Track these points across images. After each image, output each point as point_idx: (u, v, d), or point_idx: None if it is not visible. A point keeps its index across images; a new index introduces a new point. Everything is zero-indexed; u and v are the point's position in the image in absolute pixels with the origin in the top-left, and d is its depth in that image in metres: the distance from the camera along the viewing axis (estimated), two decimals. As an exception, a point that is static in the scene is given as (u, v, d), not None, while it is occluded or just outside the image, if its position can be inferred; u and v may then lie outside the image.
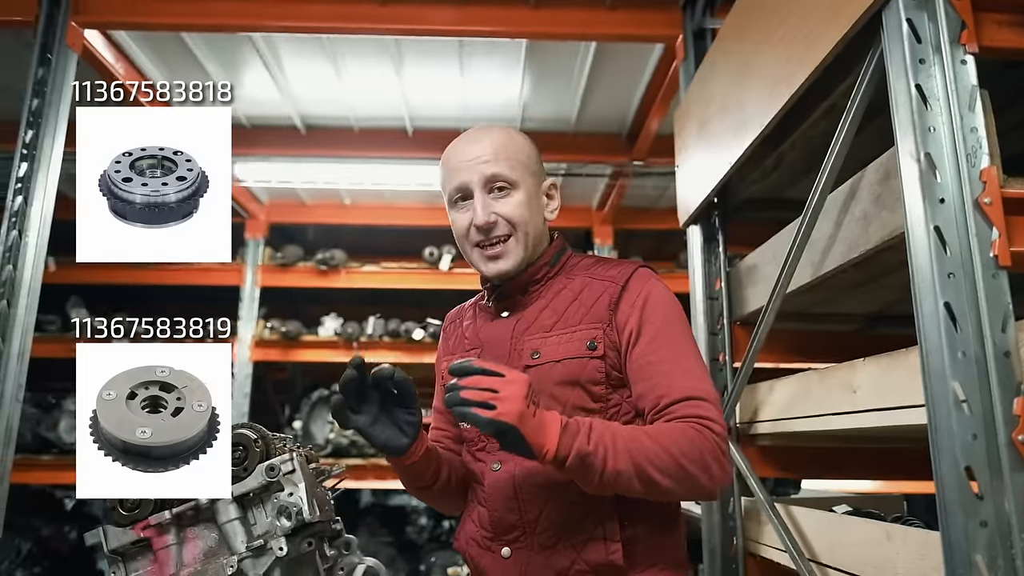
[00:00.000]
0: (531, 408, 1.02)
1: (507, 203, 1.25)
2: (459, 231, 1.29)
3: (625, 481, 1.05)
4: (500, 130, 1.31)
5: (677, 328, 1.22)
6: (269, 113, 4.10)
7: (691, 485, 1.09)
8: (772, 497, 2.02)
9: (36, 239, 2.60)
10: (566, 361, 1.20)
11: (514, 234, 1.25)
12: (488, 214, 1.24)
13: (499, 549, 1.22)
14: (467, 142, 1.29)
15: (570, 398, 1.20)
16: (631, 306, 1.22)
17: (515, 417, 0.99)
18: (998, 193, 1.14)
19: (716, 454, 1.09)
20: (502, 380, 1.01)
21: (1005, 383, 1.07)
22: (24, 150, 2.65)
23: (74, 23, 2.80)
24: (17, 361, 2.46)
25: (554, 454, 1.02)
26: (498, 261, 1.26)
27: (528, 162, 1.29)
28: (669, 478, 1.06)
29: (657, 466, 1.05)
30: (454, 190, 1.28)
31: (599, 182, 4.88)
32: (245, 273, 5.48)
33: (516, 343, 1.26)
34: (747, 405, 2.31)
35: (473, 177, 1.25)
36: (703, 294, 2.53)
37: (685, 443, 1.08)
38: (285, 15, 2.85)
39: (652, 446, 1.06)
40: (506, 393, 1.00)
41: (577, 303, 1.25)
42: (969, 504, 1.04)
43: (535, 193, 1.29)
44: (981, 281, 1.11)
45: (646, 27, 2.84)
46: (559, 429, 1.04)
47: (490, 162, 1.24)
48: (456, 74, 3.60)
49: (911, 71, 1.20)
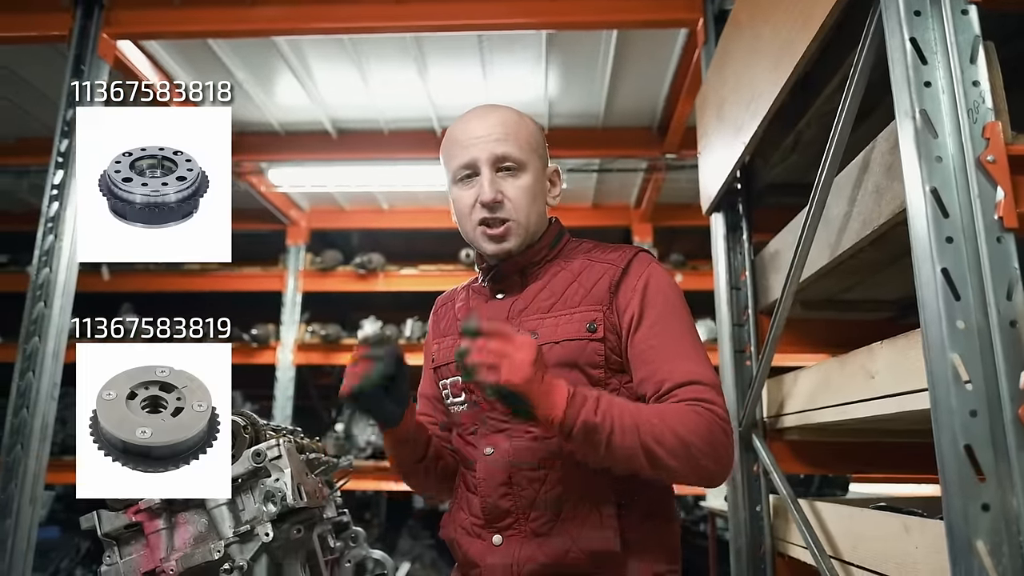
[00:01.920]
0: (539, 374, 1.00)
1: (515, 184, 1.22)
2: (462, 208, 1.25)
3: (630, 457, 1.03)
4: (509, 109, 1.28)
5: (678, 313, 1.19)
6: (301, 119, 4.18)
7: (697, 467, 1.06)
8: (812, 498, 1.92)
9: (70, 243, 2.70)
10: (565, 343, 1.18)
11: (517, 216, 1.22)
12: (495, 192, 1.20)
13: (490, 536, 1.19)
14: (476, 118, 1.25)
15: (568, 380, 1.14)
16: (632, 290, 1.19)
17: (523, 381, 0.97)
18: (1003, 150, 1.05)
19: (722, 439, 1.07)
20: (512, 344, 0.99)
21: (1011, 355, 0.98)
22: (59, 158, 2.76)
23: (106, 35, 2.91)
24: (52, 360, 2.55)
25: (560, 421, 1.00)
26: (501, 241, 1.23)
27: (536, 145, 1.27)
28: (676, 459, 1.03)
29: (664, 445, 1.03)
30: (461, 166, 1.24)
31: (634, 178, 4.80)
32: (287, 278, 5.60)
33: (513, 324, 1.23)
34: (774, 398, 2.21)
35: (482, 154, 1.21)
36: (726, 284, 2.44)
37: (692, 425, 1.05)
38: (304, 17, 2.90)
39: (660, 424, 1.03)
40: (516, 357, 0.98)
41: (576, 284, 1.23)
42: (969, 486, 0.95)
43: (541, 177, 1.27)
44: (984, 245, 1.02)
45: (666, 12, 2.77)
46: (567, 397, 1.01)
47: (500, 140, 1.21)
48: (479, 72, 3.60)
49: (906, 24, 1.12)
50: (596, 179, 4.79)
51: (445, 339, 1.35)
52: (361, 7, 2.87)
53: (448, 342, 1.33)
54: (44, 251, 2.65)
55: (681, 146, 3.99)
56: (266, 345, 5.48)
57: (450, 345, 1.31)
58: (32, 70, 3.53)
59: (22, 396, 2.49)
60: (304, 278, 5.61)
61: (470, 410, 1.26)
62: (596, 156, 4.28)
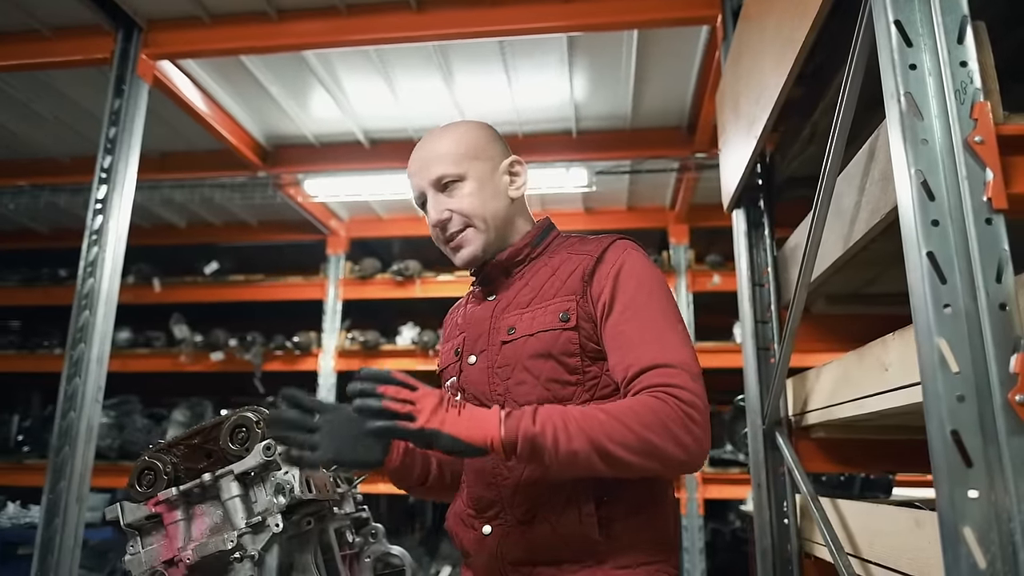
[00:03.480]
0: (452, 410, 1.03)
1: (456, 198, 1.28)
2: (432, 233, 1.33)
3: (584, 460, 1.02)
4: (443, 130, 1.34)
5: (651, 296, 1.18)
6: (334, 130, 4.29)
7: (660, 457, 1.04)
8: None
9: (112, 255, 2.83)
10: (539, 334, 1.20)
11: (471, 223, 1.28)
12: (440, 212, 1.28)
13: (481, 526, 1.22)
14: (416, 150, 1.34)
15: (543, 370, 1.19)
16: (605, 276, 1.19)
17: (437, 422, 1.01)
18: (992, 131, 1.02)
19: (683, 421, 1.04)
20: (414, 393, 1.03)
21: (1000, 339, 0.95)
22: (103, 174, 2.91)
23: (144, 56, 3.06)
24: (97, 365, 2.68)
25: (500, 441, 1.01)
26: (460, 251, 1.30)
27: (472, 151, 1.30)
28: (632, 452, 1.02)
29: (617, 441, 1.02)
30: (416, 198, 1.34)
31: (667, 179, 4.77)
32: (327, 287, 5.73)
33: (495, 322, 1.27)
34: (798, 395, 2.18)
35: (423, 182, 1.30)
36: (748, 281, 2.41)
37: (645, 413, 1.04)
38: (328, 31, 2.99)
39: (608, 421, 1.03)
40: (422, 404, 1.02)
41: (554, 278, 1.25)
42: (956, 472, 0.93)
43: (486, 177, 1.30)
44: (973, 228, 1.00)
45: (684, 9, 2.76)
46: (499, 419, 1.03)
47: (433, 164, 1.28)
48: (503, 79, 3.64)
49: (891, 7, 1.11)
50: (629, 181, 4.77)
51: (447, 344, 1.40)
52: (383, 18, 2.94)
53: (448, 346, 1.38)
54: (89, 262, 2.79)
55: (711, 145, 3.95)
56: (308, 352, 5.62)
57: (449, 349, 1.37)
58: (80, 91, 3.73)
59: (69, 400, 2.63)
60: (344, 286, 5.74)
61: None
62: (626, 158, 4.26)
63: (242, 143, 4.19)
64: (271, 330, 5.75)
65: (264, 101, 3.89)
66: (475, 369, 1.27)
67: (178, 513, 1.44)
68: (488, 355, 1.26)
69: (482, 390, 1.25)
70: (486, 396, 1.24)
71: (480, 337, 1.28)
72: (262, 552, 1.37)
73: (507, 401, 1.21)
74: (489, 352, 1.26)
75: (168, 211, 5.56)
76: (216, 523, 1.44)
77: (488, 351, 1.26)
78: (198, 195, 4.76)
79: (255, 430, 1.45)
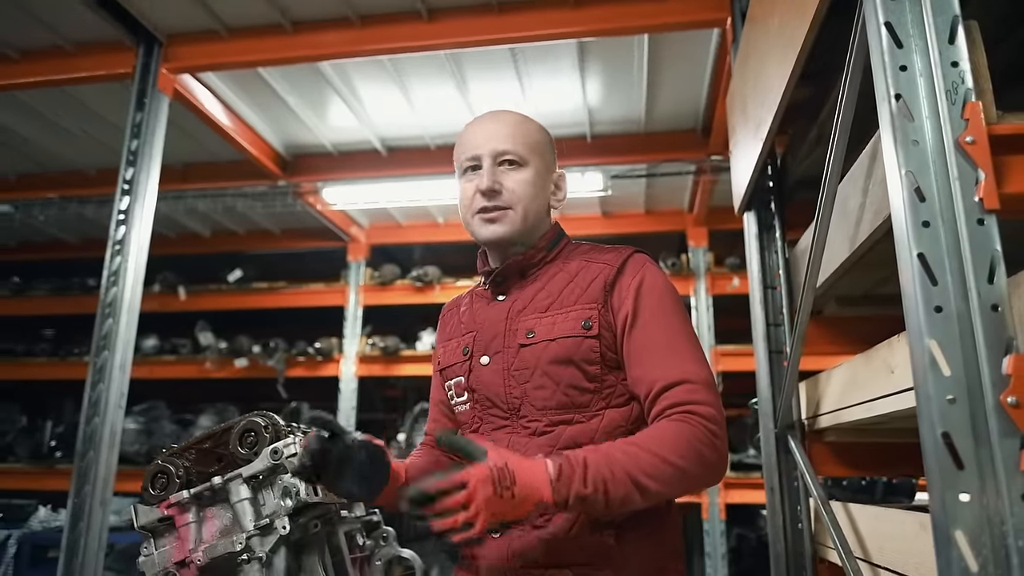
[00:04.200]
0: (505, 493, 0.99)
1: (513, 177, 1.29)
2: (464, 199, 1.32)
3: (628, 501, 1.06)
4: (517, 113, 1.36)
5: (671, 312, 1.22)
6: (351, 139, 4.34)
7: (691, 481, 1.10)
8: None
9: (135, 264, 2.91)
10: (561, 340, 1.21)
11: (514, 206, 1.28)
12: (493, 181, 1.27)
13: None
14: (484, 121, 1.35)
15: (564, 376, 1.20)
16: (626, 288, 1.22)
17: (497, 518, 0.99)
18: (983, 131, 1.02)
19: (708, 439, 1.10)
20: (465, 493, 0.98)
21: (992, 340, 0.95)
22: (125, 185, 2.98)
23: (165, 70, 3.13)
24: (120, 371, 2.75)
25: (552, 502, 1.02)
26: (495, 224, 1.29)
27: (538, 146, 1.33)
28: (667, 485, 1.07)
29: (654, 476, 1.06)
30: (466, 159, 1.32)
31: (684, 182, 4.75)
32: (348, 293, 5.80)
33: (511, 324, 1.28)
34: (811, 398, 2.17)
35: (485, 150, 1.29)
36: (760, 284, 2.40)
37: (679, 443, 1.08)
38: (341, 42, 3.04)
39: (647, 457, 1.07)
40: (477, 504, 0.97)
41: (573, 284, 1.26)
42: (948, 474, 0.92)
43: (542, 175, 1.33)
44: (964, 228, 0.99)
45: (693, 13, 2.76)
46: (549, 479, 1.01)
47: (503, 138, 1.29)
48: (516, 86, 3.66)
49: (881, 9, 1.11)
50: (646, 185, 4.76)
51: (450, 342, 1.40)
52: (395, 28, 2.99)
53: (453, 345, 1.38)
54: (112, 271, 2.87)
55: (726, 147, 3.91)
56: (330, 358, 5.68)
57: (455, 347, 1.37)
58: (105, 105, 3.83)
59: (93, 406, 2.70)
60: (364, 292, 5.80)
61: (472, 409, 1.31)
62: (641, 161, 4.26)
63: (262, 153, 4.27)
64: (293, 336, 5.84)
65: (282, 111, 3.96)
66: (488, 370, 1.28)
67: (189, 515, 1.47)
68: (504, 357, 1.26)
69: (496, 392, 1.26)
70: (500, 398, 1.25)
71: (495, 338, 1.28)
72: (270, 554, 1.39)
73: (523, 404, 1.23)
74: (505, 354, 1.26)
75: (192, 220, 5.67)
76: (226, 525, 1.47)
77: (503, 353, 1.26)
78: (220, 204, 4.85)
79: (263, 434, 1.48)
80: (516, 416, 1.24)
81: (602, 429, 1.19)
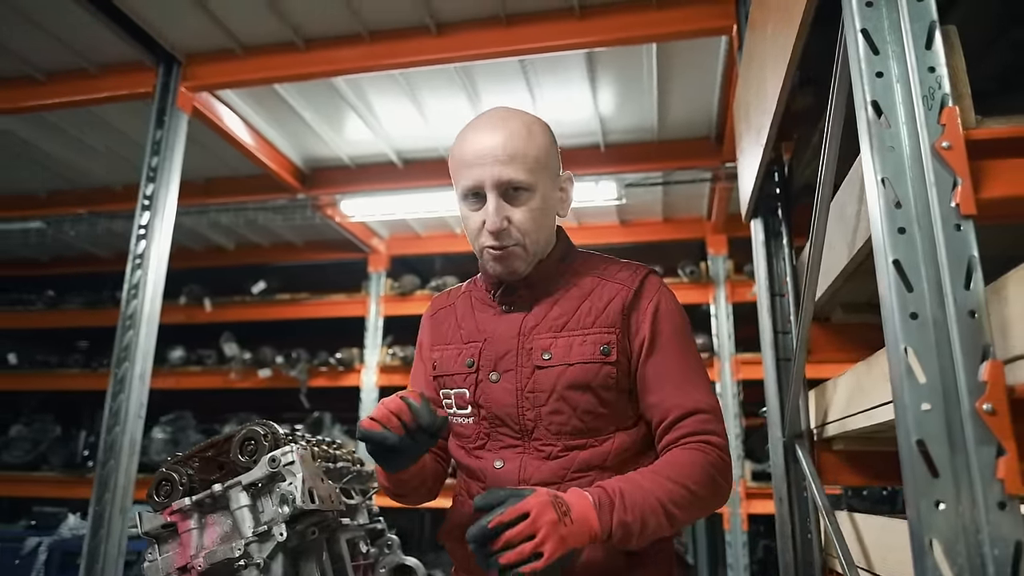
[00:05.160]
0: (565, 519, 0.99)
1: (522, 210, 1.18)
2: (470, 230, 1.23)
3: (659, 530, 1.09)
4: (518, 120, 1.21)
5: (685, 338, 1.24)
6: (368, 152, 4.42)
7: (705, 508, 1.15)
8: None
9: (154, 277, 2.99)
10: (579, 365, 1.18)
11: (524, 240, 1.20)
12: (501, 220, 1.17)
13: None
14: (483, 131, 1.19)
15: (580, 402, 1.18)
16: (643, 312, 1.22)
17: (565, 547, 0.99)
18: (960, 136, 1.01)
19: (721, 467, 1.14)
20: (530, 521, 0.97)
21: (969, 347, 0.94)
22: (146, 201, 3.07)
23: (183, 88, 3.23)
24: (139, 382, 2.82)
25: (598, 536, 1.03)
26: (507, 262, 1.21)
27: (546, 159, 1.21)
28: (688, 511, 1.11)
29: (679, 504, 1.09)
30: (467, 188, 1.19)
31: (702, 189, 4.74)
32: (369, 304, 5.87)
33: (524, 341, 1.22)
34: (820, 407, 2.15)
35: (487, 179, 1.16)
36: (767, 291, 2.39)
37: (698, 472, 1.12)
38: (352, 57, 3.10)
39: (673, 486, 1.09)
40: (543, 531, 0.97)
41: (588, 303, 1.23)
42: (923, 482, 0.92)
43: (551, 191, 1.24)
44: (941, 234, 0.99)
45: (698, 21, 2.76)
46: (595, 511, 1.03)
47: (507, 163, 1.16)
48: (527, 96, 3.69)
49: (858, 16, 1.11)
50: (663, 193, 4.75)
51: (448, 347, 1.32)
52: (404, 43, 3.04)
53: (452, 351, 1.31)
54: (132, 285, 2.95)
55: (740, 154, 3.91)
56: (351, 368, 5.74)
57: (454, 355, 1.30)
58: (129, 123, 3.95)
59: (114, 416, 2.77)
60: (385, 303, 5.86)
61: (477, 424, 1.26)
62: (656, 169, 4.25)
63: (281, 167, 4.36)
64: (315, 347, 5.92)
65: (300, 126, 4.05)
66: (499, 388, 1.22)
67: (191, 522, 1.50)
68: (517, 376, 1.21)
69: (508, 412, 1.21)
70: (512, 419, 1.21)
71: (506, 355, 1.23)
72: (267, 560, 1.42)
73: (537, 427, 1.19)
74: (518, 373, 1.21)
75: (217, 234, 5.79)
76: (226, 532, 1.50)
77: (516, 372, 1.21)
78: (242, 218, 4.96)
79: (263, 443, 1.51)
80: (529, 438, 1.20)
81: (613, 452, 1.18)
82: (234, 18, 3.06)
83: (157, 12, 3.01)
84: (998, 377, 0.91)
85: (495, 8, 2.91)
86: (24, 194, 5.09)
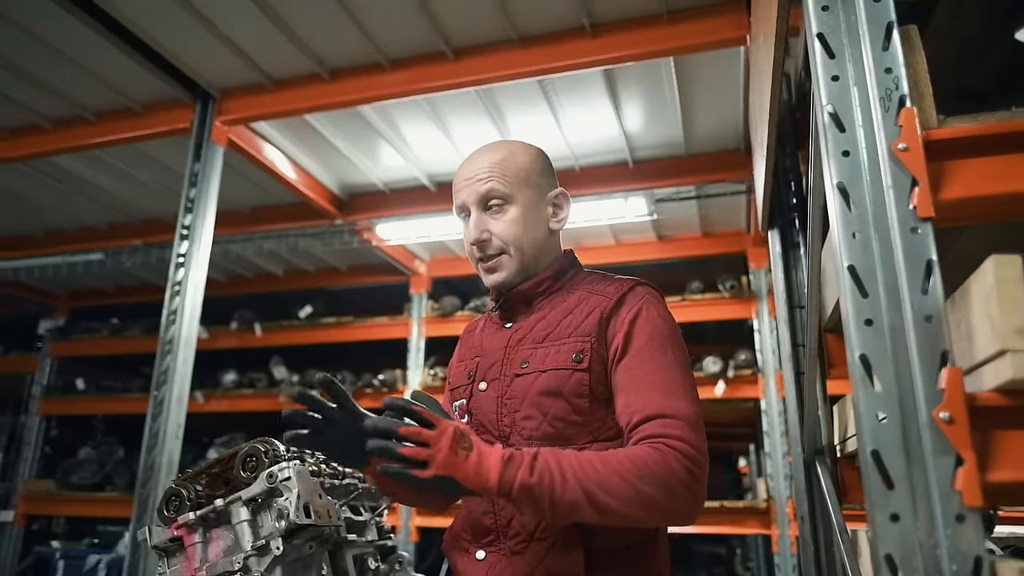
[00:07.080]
0: (461, 454, 1.02)
1: (500, 221, 1.27)
2: (466, 248, 1.34)
3: (578, 510, 1.03)
4: (501, 145, 1.33)
5: (663, 346, 1.19)
6: (400, 177, 4.52)
7: (655, 510, 1.05)
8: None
9: (191, 303, 3.12)
10: (551, 372, 1.20)
11: (507, 250, 1.27)
12: (480, 232, 1.27)
13: (475, 552, 1.24)
14: (468, 162, 1.33)
15: (551, 408, 1.20)
16: (621, 321, 1.21)
17: (447, 468, 1.00)
18: (917, 138, 0.99)
19: (679, 471, 1.04)
20: (435, 432, 1.02)
21: (926, 353, 0.91)
22: (184, 231, 3.22)
23: (219, 123, 3.39)
24: (177, 404, 2.94)
25: (496, 487, 1.02)
26: (493, 273, 1.29)
27: (526, 175, 1.30)
28: (625, 504, 1.03)
29: (611, 492, 1.02)
30: (457, 209, 1.33)
31: (739, 202, 4.66)
32: (411, 325, 5.96)
33: (510, 353, 1.28)
34: (841, 421, 2.08)
35: (469, 197, 1.28)
36: (786, 304, 2.34)
37: (644, 466, 1.04)
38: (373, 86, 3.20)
39: (605, 471, 1.03)
40: (436, 447, 1.00)
41: (571, 316, 1.25)
42: (878, 494, 0.89)
43: (533, 205, 1.30)
44: (899, 238, 0.96)
45: (711, 34, 2.74)
46: (500, 463, 1.02)
47: (484, 180, 1.27)
48: (549, 117, 3.73)
49: (815, 20, 1.10)
50: (698, 207, 4.69)
51: (461, 363, 1.39)
52: (423, 69, 3.12)
53: (462, 367, 1.37)
54: (171, 311, 3.09)
55: (772, 165, 3.84)
56: (394, 389, 5.83)
57: (463, 370, 1.36)
58: (175, 158, 4.15)
59: (153, 437, 2.89)
60: (426, 324, 5.94)
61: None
62: (687, 183, 4.21)
63: (318, 195, 4.50)
64: (360, 368, 6.03)
65: (334, 155, 4.18)
66: (485, 397, 1.28)
67: (196, 536, 1.55)
68: (499, 385, 1.26)
69: (490, 419, 1.26)
70: (493, 425, 1.25)
71: (493, 365, 1.29)
72: (265, 573, 1.46)
73: (512, 433, 1.23)
74: (500, 382, 1.26)
75: (265, 260, 6.00)
76: (229, 546, 1.54)
77: (499, 381, 1.27)
78: (285, 244, 5.13)
79: (263, 459, 1.56)
80: (505, 444, 1.23)
81: None
82: (263, 55, 3.20)
83: (194, 53, 3.19)
84: (956, 384, 0.88)
85: (507, 32, 2.97)
86: (86, 226, 5.40)
